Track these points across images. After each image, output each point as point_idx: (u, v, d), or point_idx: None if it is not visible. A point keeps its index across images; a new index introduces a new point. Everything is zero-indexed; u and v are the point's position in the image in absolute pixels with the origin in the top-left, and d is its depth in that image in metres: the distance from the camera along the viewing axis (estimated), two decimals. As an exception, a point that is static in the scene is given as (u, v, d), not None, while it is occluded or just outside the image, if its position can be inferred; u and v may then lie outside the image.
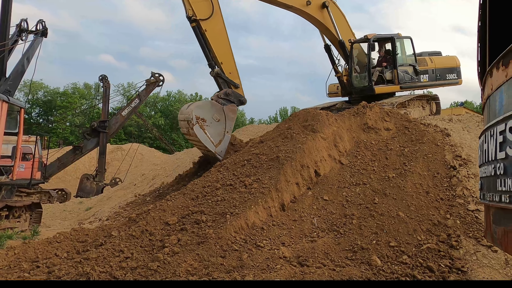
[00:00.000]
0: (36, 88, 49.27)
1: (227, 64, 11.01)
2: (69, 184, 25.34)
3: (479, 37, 3.00)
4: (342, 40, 13.43)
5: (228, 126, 10.60)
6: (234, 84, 11.06)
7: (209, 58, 10.85)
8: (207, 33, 10.64)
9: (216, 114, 10.44)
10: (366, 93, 13.32)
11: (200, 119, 10.11)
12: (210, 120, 10.33)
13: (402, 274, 5.70)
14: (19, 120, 10.08)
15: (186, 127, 10.43)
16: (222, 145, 10.50)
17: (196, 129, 10.02)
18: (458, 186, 7.77)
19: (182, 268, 5.53)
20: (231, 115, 10.74)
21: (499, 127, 2.11)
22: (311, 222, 7.05)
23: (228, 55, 11.08)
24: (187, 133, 10.57)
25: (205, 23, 10.59)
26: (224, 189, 7.55)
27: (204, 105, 10.61)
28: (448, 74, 14.75)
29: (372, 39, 13.26)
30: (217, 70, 10.78)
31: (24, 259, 6.24)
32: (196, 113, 10.12)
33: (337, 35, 13.32)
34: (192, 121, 9.94)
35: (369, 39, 13.25)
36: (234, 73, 11.16)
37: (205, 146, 10.23)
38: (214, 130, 10.35)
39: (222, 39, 10.94)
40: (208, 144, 10.26)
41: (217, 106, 10.55)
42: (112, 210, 11.80)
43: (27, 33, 13.79)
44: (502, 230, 2.14)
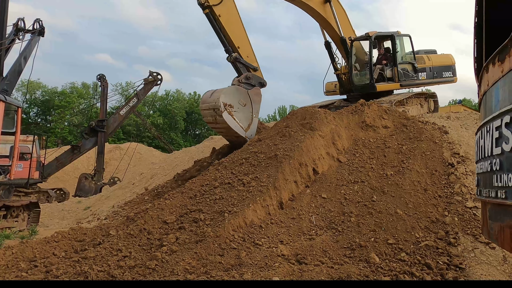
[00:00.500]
0: (34, 87, 49.13)
1: (244, 47, 10.87)
2: (67, 184, 25.30)
3: (476, 34, 2.99)
4: (344, 37, 13.39)
5: (255, 110, 10.57)
6: (253, 67, 10.94)
7: (225, 44, 10.67)
8: (221, 18, 10.42)
9: (242, 99, 10.36)
10: (367, 90, 13.31)
11: (228, 105, 10.00)
12: (237, 105, 10.25)
13: (400, 272, 5.71)
14: (17, 119, 10.05)
15: (212, 116, 10.26)
16: (252, 129, 10.50)
17: (225, 115, 9.93)
18: (456, 183, 7.78)
19: (180, 266, 5.53)
20: (256, 98, 10.67)
21: (495, 123, 2.11)
22: (310, 220, 7.05)
23: (244, 38, 10.93)
24: (213, 122, 10.42)
25: (218, 8, 10.36)
26: (223, 187, 7.55)
27: (230, 91, 10.36)
28: (444, 72, 14.85)
29: (373, 36, 13.25)
30: (235, 55, 10.60)
31: (22, 258, 6.23)
32: (223, 100, 9.97)
33: (338, 32, 13.26)
34: (220, 108, 9.81)
35: (370, 36, 13.24)
36: (252, 56, 11.05)
37: (234, 132, 10.15)
38: (242, 115, 10.30)
39: (236, 23, 10.76)
40: (238, 129, 10.21)
41: (242, 90, 10.45)
42: (110, 209, 11.78)
43: (24, 32, 13.75)
44: (498, 225, 2.14)
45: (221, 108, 9.83)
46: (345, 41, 13.41)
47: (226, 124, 10.04)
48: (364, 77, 13.50)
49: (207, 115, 10.58)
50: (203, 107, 10.72)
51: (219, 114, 9.92)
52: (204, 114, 10.78)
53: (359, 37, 13.80)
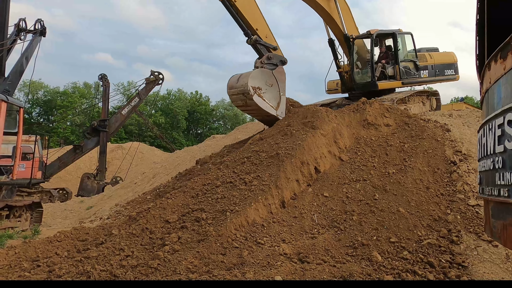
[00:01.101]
0: (36, 87, 49.28)
1: (262, 28, 11.10)
2: (70, 183, 25.37)
3: (478, 31, 2.98)
4: (348, 34, 13.33)
5: (281, 88, 10.93)
6: (272, 46, 11.21)
7: (244, 28, 10.84)
8: (237, 3, 10.59)
9: (268, 80, 10.70)
10: (369, 88, 13.28)
11: (256, 88, 10.37)
12: (265, 86, 10.60)
13: (403, 270, 5.70)
14: (19, 119, 10.08)
15: (242, 100, 10.59)
16: (281, 107, 10.89)
17: (256, 98, 10.29)
18: (458, 181, 7.75)
19: (182, 265, 5.53)
20: (281, 77, 10.98)
21: (498, 121, 2.10)
22: (312, 218, 7.05)
23: (261, 19, 11.16)
24: (244, 105, 10.76)
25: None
26: (224, 186, 7.55)
27: (256, 75, 10.65)
28: (447, 70, 14.83)
29: (375, 34, 13.21)
30: (255, 37, 10.82)
31: (24, 258, 6.24)
32: (251, 84, 10.31)
33: (342, 29, 13.21)
34: (250, 92, 10.15)
35: (372, 34, 13.20)
36: (270, 35, 11.30)
37: (266, 112, 10.56)
38: (271, 95, 10.67)
39: (252, 6, 10.97)
40: (269, 109, 10.61)
41: (267, 72, 10.78)
42: (113, 208, 11.80)
43: (25, 32, 13.77)
44: (501, 224, 2.13)
45: (250, 92, 10.17)
46: (348, 39, 13.36)
47: (257, 106, 10.43)
48: (365, 75, 13.48)
49: (237, 100, 10.85)
50: (231, 92, 10.92)
51: (249, 98, 10.26)
52: (233, 99, 11.03)
53: (361, 35, 13.76)
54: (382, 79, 13.38)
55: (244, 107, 11.08)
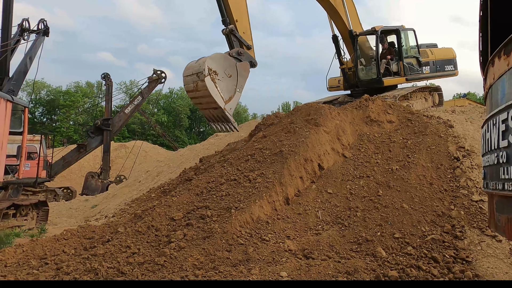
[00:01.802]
0: (39, 87, 49.48)
1: (242, 22, 10.41)
2: (74, 182, 25.52)
3: (481, 27, 3.00)
4: (353, 30, 13.31)
5: (239, 84, 9.93)
6: (247, 44, 10.40)
7: (223, 14, 10.20)
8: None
9: (228, 69, 9.75)
10: (374, 85, 13.31)
11: (212, 71, 9.43)
12: (222, 74, 9.63)
13: (407, 265, 5.73)
14: (24, 119, 10.16)
15: (194, 81, 9.70)
16: (232, 103, 9.86)
17: (207, 81, 9.28)
18: (461, 177, 7.77)
19: (188, 262, 5.59)
20: (243, 72, 10.08)
21: (502, 116, 2.13)
22: (316, 215, 7.09)
23: (244, 14, 10.51)
24: (194, 89, 9.80)
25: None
26: (229, 184, 7.59)
27: (217, 58, 9.75)
28: (447, 66, 14.90)
29: (380, 31, 13.23)
30: (231, 27, 10.12)
31: (32, 256, 6.33)
32: (209, 65, 9.41)
33: (348, 25, 13.19)
34: (204, 72, 9.23)
35: (376, 31, 13.22)
36: (248, 33, 10.55)
37: (214, 100, 9.49)
38: (225, 86, 9.67)
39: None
40: (218, 98, 9.52)
41: (231, 60, 9.88)
42: (117, 207, 11.89)
43: (29, 32, 13.85)
44: (505, 218, 2.16)
45: (204, 72, 9.25)
46: (353, 35, 13.33)
47: (207, 90, 9.38)
48: (370, 71, 13.49)
49: (189, 82, 9.96)
50: (186, 73, 10.12)
51: (202, 78, 9.32)
52: (186, 81, 10.12)
53: (365, 32, 13.77)
54: (386, 75, 13.41)
55: (193, 93, 9.97)
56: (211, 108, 9.95)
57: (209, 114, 10.34)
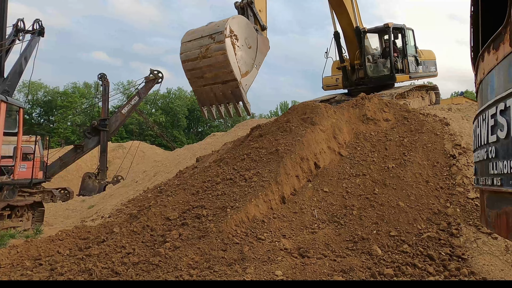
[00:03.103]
0: (36, 88, 49.37)
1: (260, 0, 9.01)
2: (71, 183, 25.46)
3: (472, 23, 2.99)
4: (359, 26, 13.24)
5: (258, 59, 8.48)
6: (262, 24, 8.96)
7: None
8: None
9: (249, 38, 8.25)
10: (385, 81, 13.36)
11: (234, 34, 7.82)
12: (242, 42, 8.05)
13: (403, 263, 5.72)
14: (19, 120, 10.11)
15: (202, 46, 7.88)
16: (248, 78, 8.23)
17: (228, 43, 7.64)
18: (457, 174, 7.77)
19: (183, 262, 5.57)
20: (264, 48, 8.73)
21: (491, 111, 2.12)
22: (312, 214, 7.07)
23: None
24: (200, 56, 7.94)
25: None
26: (224, 183, 7.58)
27: (241, 21, 8.15)
28: (431, 67, 15.13)
29: (392, 27, 13.30)
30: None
31: (26, 257, 6.29)
32: (232, 25, 7.82)
33: (354, 20, 13.10)
34: (225, 32, 7.60)
35: (389, 27, 13.28)
36: (264, 12, 9.14)
37: (230, 70, 7.75)
38: (244, 56, 8.06)
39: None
40: (235, 68, 7.81)
41: (252, 30, 8.41)
42: (114, 207, 11.86)
43: (24, 33, 13.79)
44: (495, 213, 2.15)
45: (226, 32, 7.62)
46: (360, 31, 13.28)
47: (223, 55, 7.64)
48: (380, 68, 13.51)
49: (193, 47, 8.07)
50: (188, 38, 8.28)
51: (219, 40, 7.64)
52: (187, 47, 8.20)
53: (376, 28, 13.80)
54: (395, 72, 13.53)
55: (196, 61, 8.05)
56: (219, 82, 8.12)
57: (210, 93, 8.39)
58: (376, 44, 14.26)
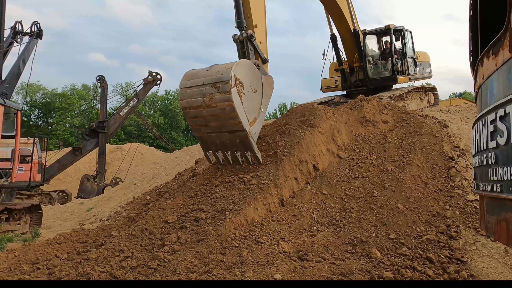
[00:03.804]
0: (34, 90, 49.29)
1: (260, 30, 8.73)
2: (69, 185, 25.38)
3: (471, 27, 2.98)
4: (357, 29, 13.25)
5: (264, 102, 8.07)
6: (263, 57, 8.70)
7: (240, 15, 8.31)
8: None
9: (254, 82, 7.78)
10: (387, 83, 13.41)
11: (239, 82, 7.34)
12: (248, 88, 7.52)
13: (402, 266, 5.71)
14: (16, 122, 10.08)
15: (206, 94, 7.39)
16: (257, 126, 7.79)
17: (234, 93, 7.14)
18: (456, 176, 7.77)
19: (182, 266, 5.54)
20: (269, 89, 8.27)
21: (490, 117, 2.11)
22: (311, 216, 7.06)
23: (263, 19, 8.93)
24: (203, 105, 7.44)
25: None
26: (223, 186, 7.55)
27: (245, 66, 7.67)
28: (426, 68, 15.20)
29: (393, 29, 13.36)
30: (250, 32, 8.30)
31: (24, 261, 6.26)
32: (236, 73, 7.29)
33: (352, 24, 13.10)
34: (230, 81, 7.08)
35: (390, 29, 13.33)
36: (264, 44, 8.90)
37: (238, 121, 7.29)
38: (250, 104, 7.61)
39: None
40: (244, 119, 7.36)
41: (256, 72, 7.97)
42: (112, 210, 11.82)
43: (22, 35, 13.77)
44: (495, 219, 2.14)
45: (231, 81, 7.11)
46: (358, 34, 13.28)
47: (230, 107, 7.18)
48: (381, 69, 13.55)
49: (195, 94, 7.57)
50: (189, 83, 7.75)
51: (225, 90, 7.14)
52: (190, 93, 7.69)
53: (376, 30, 13.84)
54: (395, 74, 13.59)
55: (200, 109, 7.59)
56: (225, 132, 7.67)
57: (216, 140, 7.96)
58: (375, 46, 14.29)
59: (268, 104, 8.25)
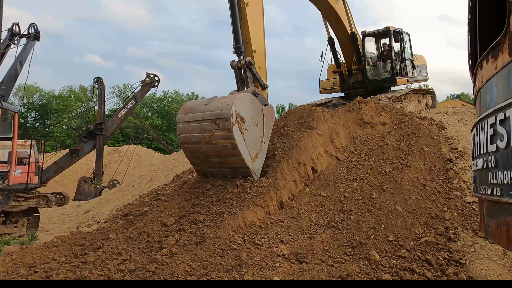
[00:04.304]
0: (31, 92, 49.16)
1: (259, 56, 8.55)
2: (67, 188, 25.27)
3: (469, 30, 2.99)
4: (354, 32, 13.28)
5: (266, 134, 7.90)
6: (263, 83, 8.51)
7: (239, 41, 8.07)
8: (248, 8, 8.29)
9: (255, 115, 7.60)
10: (386, 84, 13.44)
11: (240, 117, 7.14)
12: (249, 122, 7.35)
13: (401, 268, 5.70)
14: (13, 125, 10.03)
15: (206, 130, 7.17)
16: (259, 161, 7.59)
17: (236, 131, 6.95)
18: (455, 178, 7.78)
19: (180, 269, 5.52)
20: (270, 120, 8.10)
21: (490, 120, 2.11)
22: (309, 219, 7.05)
23: (262, 43, 8.74)
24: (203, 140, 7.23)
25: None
26: (216, 189, 7.50)
27: (246, 100, 7.42)
28: (423, 71, 15.30)
29: (392, 30, 13.42)
30: (249, 59, 8.10)
31: (21, 264, 6.21)
32: (237, 109, 7.08)
33: (349, 28, 13.13)
34: (231, 118, 6.90)
35: (390, 30, 13.39)
36: (264, 69, 8.72)
37: (241, 159, 7.12)
38: (252, 138, 7.42)
39: (260, 23, 8.70)
40: (246, 155, 7.19)
41: (257, 104, 7.78)
42: (110, 212, 11.77)
43: (19, 37, 13.73)
44: (495, 223, 2.13)
45: (232, 118, 6.91)
46: (356, 37, 13.30)
47: (232, 144, 6.98)
48: (381, 71, 13.59)
49: (194, 130, 7.34)
50: (187, 117, 7.50)
51: (226, 127, 6.93)
52: (187, 129, 7.46)
53: (376, 31, 13.88)
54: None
55: (199, 145, 7.36)
56: (227, 167, 7.52)
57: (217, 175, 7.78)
58: (373, 48, 14.33)
59: (269, 135, 8.08)
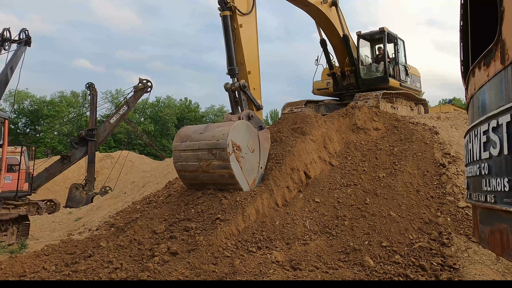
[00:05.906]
0: (22, 97, 48.60)
1: (254, 76, 8.53)
2: (58, 195, 24.96)
3: (461, 37, 3.00)
4: (346, 34, 13.34)
5: (262, 159, 7.90)
6: (257, 105, 8.48)
7: (232, 62, 8.06)
8: (242, 29, 8.24)
9: (251, 142, 7.66)
10: (378, 84, 13.50)
11: (236, 146, 7.22)
12: (246, 149, 7.44)
13: (395, 274, 5.69)
14: (4, 131, 9.88)
15: (202, 160, 7.22)
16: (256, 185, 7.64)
17: (233, 161, 7.04)
18: (447, 183, 7.82)
19: (173, 277, 5.45)
20: (266, 144, 8.12)
21: (483, 127, 2.11)
22: (303, 225, 7.02)
23: (256, 64, 8.74)
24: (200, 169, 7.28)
25: (242, 18, 8.30)
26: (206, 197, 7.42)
27: (241, 128, 7.50)
28: (417, 83, 15.45)
29: (387, 31, 13.54)
30: (243, 82, 8.08)
31: (11, 274, 6.08)
32: (234, 138, 7.17)
33: (341, 30, 13.13)
34: (227, 148, 6.97)
35: (384, 31, 13.51)
36: (258, 89, 8.70)
37: (239, 188, 7.19)
38: (249, 164, 7.48)
39: (254, 44, 8.69)
40: (243, 183, 7.25)
41: (253, 131, 7.82)
42: (102, 219, 11.62)
43: (10, 42, 13.60)
44: (488, 230, 2.13)
45: (228, 149, 6.97)
46: (348, 39, 13.38)
47: (229, 173, 7.04)
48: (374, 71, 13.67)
49: (190, 159, 7.39)
50: (183, 146, 7.54)
51: (223, 157, 6.98)
52: (183, 157, 7.51)
53: (370, 32, 13.98)
54: None
55: (195, 174, 7.44)
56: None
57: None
58: (368, 51, 14.44)
59: (266, 158, 8.06)
